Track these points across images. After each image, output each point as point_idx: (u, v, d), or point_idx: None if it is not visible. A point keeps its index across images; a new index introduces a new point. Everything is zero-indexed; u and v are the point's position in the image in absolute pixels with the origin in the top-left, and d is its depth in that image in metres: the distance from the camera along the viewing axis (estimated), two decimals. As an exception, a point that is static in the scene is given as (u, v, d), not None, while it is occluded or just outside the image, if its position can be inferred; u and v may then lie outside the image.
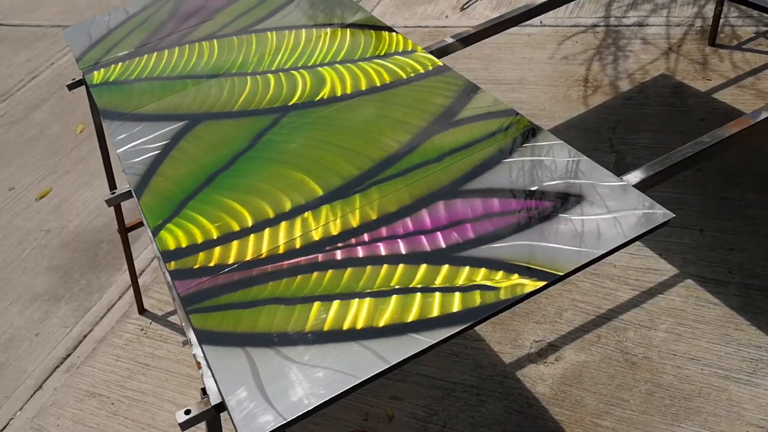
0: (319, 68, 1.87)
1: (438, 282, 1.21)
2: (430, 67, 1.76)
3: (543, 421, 2.03)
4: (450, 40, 1.92)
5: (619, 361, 2.13)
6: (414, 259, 1.27)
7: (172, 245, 1.42)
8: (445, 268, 1.23)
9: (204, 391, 1.18)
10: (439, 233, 1.31)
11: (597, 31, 3.68)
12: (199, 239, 1.42)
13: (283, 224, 1.41)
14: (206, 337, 1.21)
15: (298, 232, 1.38)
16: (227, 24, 2.20)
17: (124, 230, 2.53)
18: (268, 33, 2.09)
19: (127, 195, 1.74)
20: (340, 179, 1.49)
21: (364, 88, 1.74)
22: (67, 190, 3.53)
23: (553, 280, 1.15)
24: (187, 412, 1.17)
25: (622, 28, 3.64)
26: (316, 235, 1.36)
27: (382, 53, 1.86)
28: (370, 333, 1.15)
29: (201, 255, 1.38)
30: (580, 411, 2.03)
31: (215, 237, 1.42)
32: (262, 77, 1.90)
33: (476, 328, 2.35)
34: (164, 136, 1.76)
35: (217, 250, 1.39)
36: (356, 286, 1.24)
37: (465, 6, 3.80)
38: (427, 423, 2.10)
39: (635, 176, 1.36)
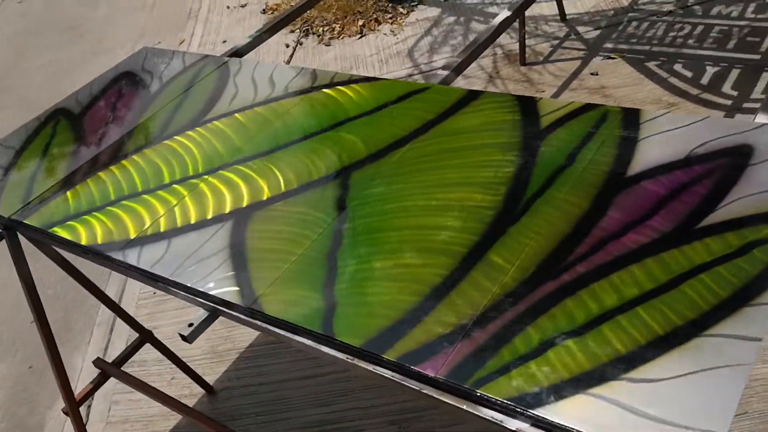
0: (347, 125, 1.70)
1: (705, 259, 1.14)
2: (462, 95, 1.70)
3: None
4: (445, 72, 1.87)
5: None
6: (653, 250, 1.19)
7: (372, 332, 1.17)
8: (696, 245, 1.17)
9: (565, 461, 0.98)
10: (649, 221, 1.24)
11: (416, 78, 3.85)
12: (400, 312, 1.19)
13: (483, 265, 1.23)
14: (527, 402, 1.01)
15: (506, 264, 1.22)
16: (168, 124, 1.89)
17: (76, 404, 2.03)
18: (246, 113, 1.85)
19: (212, 318, 1.39)
20: (490, 210, 1.35)
21: (418, 126, 1.62)
22: None
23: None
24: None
25: (436, 71, 3.84)
26: (531, 263, 1.21)
27: (401, 95, 1.75)
28: (700, 323, 1.05)
29: (422, 326, 1.15)
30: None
31: (417, 304, 1.19)
32: (288, 151, 1.67)
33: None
34: (215, 242, 1.45)
35: (438, 310, 1.17)
36: (630, 293, 1.12)
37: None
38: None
39: (764, 117, 1.43)
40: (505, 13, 2.05)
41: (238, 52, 2.23)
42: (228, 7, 5.15)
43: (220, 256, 1.42)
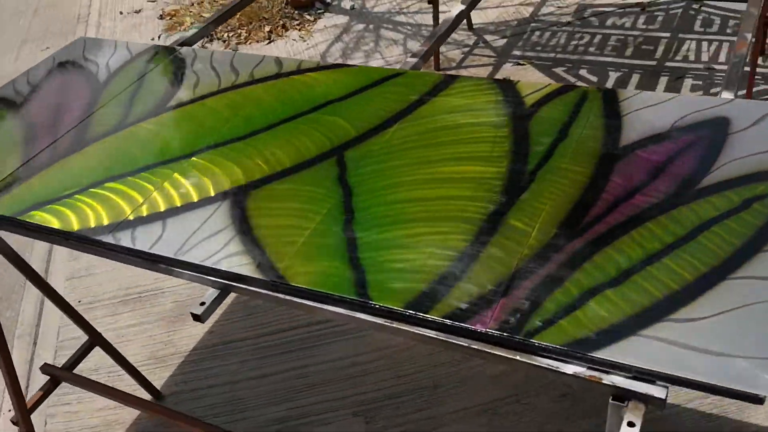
0: (328, 108, 1.70)
1: (712, 215, 1.24)
2: (439, 79, 1.74)
3: (592, 395, 2.11)
4: (413, 60, 1.91)
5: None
6: (663, 209, 1.27)
7: (409, 296, 1.18)
8: (701, 203, 1.27)
9: (622, 396, 1.03)
10: (652, 185, 1.33)
11: (330, 82, 3.86)
12: (433, 275, 1.20)
13: (505, 229, 1.27)
14: (580, 347, 1.05)
15: (526, 227, 1.26)
16: (128, 111, 1.81)
17: (27, 412, 1.89)
18: (215, 98, 1.81)
19: (223, 296, 1.33)
20: (497, 180, 1.40)
21: (403, 108, 1.65)
22: None
23: (802, 169, 1.29)
24: (631, 424, 1.01)
25: (405, 59, 3.88)
26: (551, 225, 1.26)
27: (377, 80, 1.77)
28: (724, 268, 1.14)
29: (460, 287, 1.18)
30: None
31: (449, 267, 1.21)
32: (271, 134, 1.65)
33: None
34: (216, 221, 1.41)
35: (472, 272, 1.20)
36: (653, 246, 1.20)
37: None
38: (499, 447, 2.02)
39: (729, 94, 1.56)
40: (459, 7, 2.12)
41: (187, 42, 2.17)
42: (121, 13, 4.97)
43: (225, 234, 1.38)
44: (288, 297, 1.26)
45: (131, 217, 1.45)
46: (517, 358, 1.10)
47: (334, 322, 2.47)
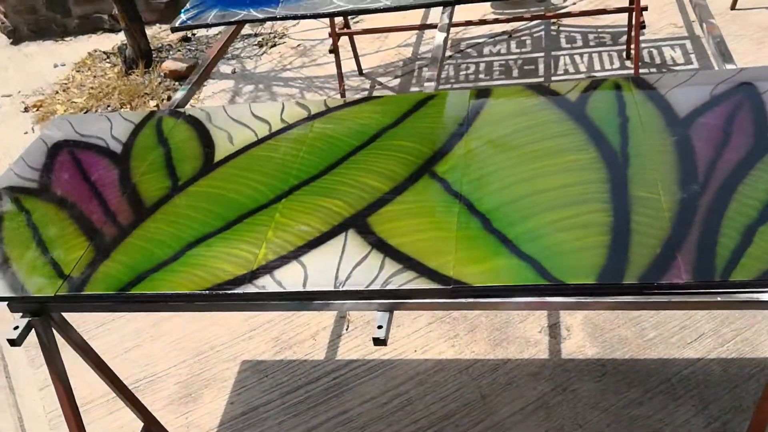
0: (385, 135, 1.75)
1: (792, 154, 1.46)
2: (475, 93, 1.86)
3: (625, 367, 2.27)
4: (432, 83, 2.01)
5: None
6: (753, 159, 1.47)
7: (593, 271, 1.26)
8: (777, 147, 1.48)
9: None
10: (731, 143, 1.52)
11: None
12: (602, 248, 1.30)
13: (635, 200, 1.41)
14: (779, 272, 1.20)
15: (652, 195, 1.40)
16: (174, 175, 1.75)
17: None
18: (260, 147, 1.79)
19: (390, 315, 1.33)
20: (597, 163, 1.53)
21: (460, 122, 1.74)
22: None
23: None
24: None
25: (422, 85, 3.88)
26: (673, 189, 1.41)
27: (415, 104, 1.85)
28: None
29: (633, 253, 1.29)
30: (631, 342, 2.34)
31: (610, 240, 1.32)
32: (346, 167, 1.67)
33: (478, 362, 2.40)
34: (355, 250, 1.42)
35: (634, 240, 1.31)
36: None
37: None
38: (570, 434, 2.12)
39: (732, 65, 1.81)
40: (442, 35, 2.25)
41: (180, 105, 2.12)
42: (-24, 110, 4.60)
43: (373, 259, 1.38)
44: (470, 300, 1.30)
45: (258, 267, 1.41)
46: (719, 299, 1.22)
47: (353, 366, 2.46)
